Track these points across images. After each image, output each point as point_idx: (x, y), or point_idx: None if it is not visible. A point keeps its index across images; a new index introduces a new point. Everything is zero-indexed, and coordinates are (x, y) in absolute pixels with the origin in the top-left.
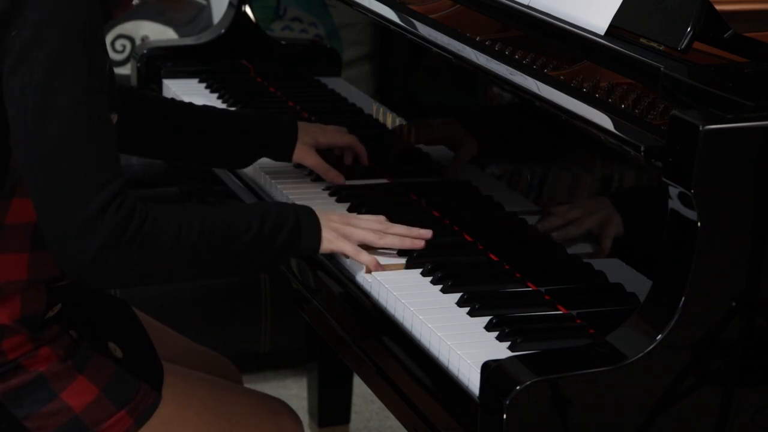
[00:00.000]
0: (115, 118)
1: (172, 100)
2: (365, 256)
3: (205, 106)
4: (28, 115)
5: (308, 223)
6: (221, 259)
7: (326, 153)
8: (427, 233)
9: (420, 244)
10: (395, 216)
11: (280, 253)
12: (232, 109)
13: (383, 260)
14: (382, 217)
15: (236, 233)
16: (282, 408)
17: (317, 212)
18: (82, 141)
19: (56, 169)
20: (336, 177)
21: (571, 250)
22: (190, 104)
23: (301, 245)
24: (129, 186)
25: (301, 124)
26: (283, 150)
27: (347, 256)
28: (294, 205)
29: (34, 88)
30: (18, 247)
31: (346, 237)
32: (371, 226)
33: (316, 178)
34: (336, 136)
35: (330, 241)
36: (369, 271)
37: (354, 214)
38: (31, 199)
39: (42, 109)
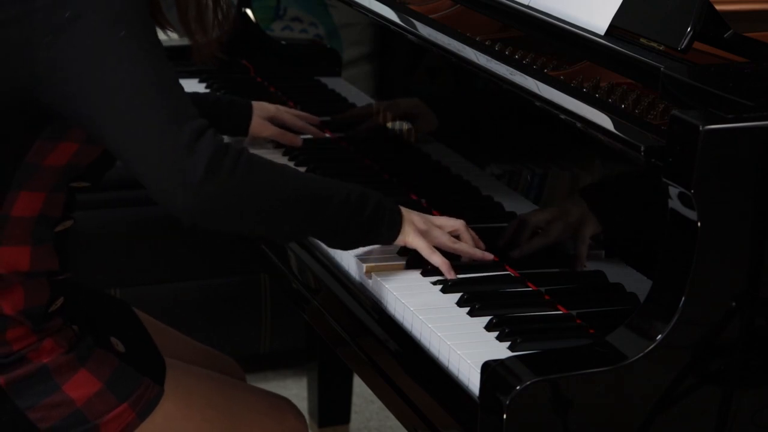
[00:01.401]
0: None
1: None
2: (437, 258)
3: None
4: (100, 66)
5: (391, 210)
6: (315, 215)
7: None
8: (490, 256)
9: (490, 257)
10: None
11: (363, 229)
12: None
13: (382, 258)
14: (460, 221)
15: (328, 193)
16: (286, 405)
17: (400, 206)
18: (163, 79)
19: (148, 107)
20: (293, 139)
21: (570, 251)
22: None
23: (383, 229)
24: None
25: (254, 102)
26: (240, 125)
27: (421, 254)
28: (378, 192)
29: (101, 40)
30: (21, 240)
31: (424, 234)
32: (448, 225)
33: (276, 147)
34: (285, 113)
35: (408, 233)
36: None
37: (432, 216)
38: (122, 150)
39: (115, 56)
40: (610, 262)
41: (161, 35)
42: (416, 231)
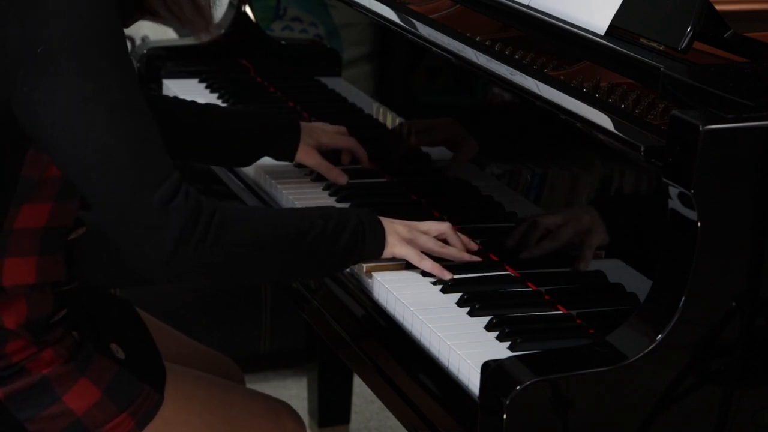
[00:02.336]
0: None
1: (175, 98)
2: (428, 263)
3: (208, 105)
4: (70, 127)
5: (372, 225)
6: (290, 256)
7: (327, 153)
8: (479, 259)
9: (478, 260)
10: (396, 216)
11: (346, 253)
12: (236, 107)
13: (382, 258)
14: (446, 224)
15: (300, 231)
16: (283, 409)
17: (380, 218)
18: (133, 139)
19: (115, 173)
20: (339, 176)
21: (571, 251)
22: (193, 102)
23: (366, 247)
24: None
25: (303, 125)
26: (286, 150)
27: (411, 262)
28: (355, 209)
29: (70, 98)
30: (27, 251)
31: (410, 242)
32: (434, 229)
33: (317, 178)
34: (337, 138)
35: (393, 244)
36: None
37: (414, 222)
38: (92, 207)
39: (85, 118)
40: (610, 262)
41: (161, 35)
42: (402, 240)
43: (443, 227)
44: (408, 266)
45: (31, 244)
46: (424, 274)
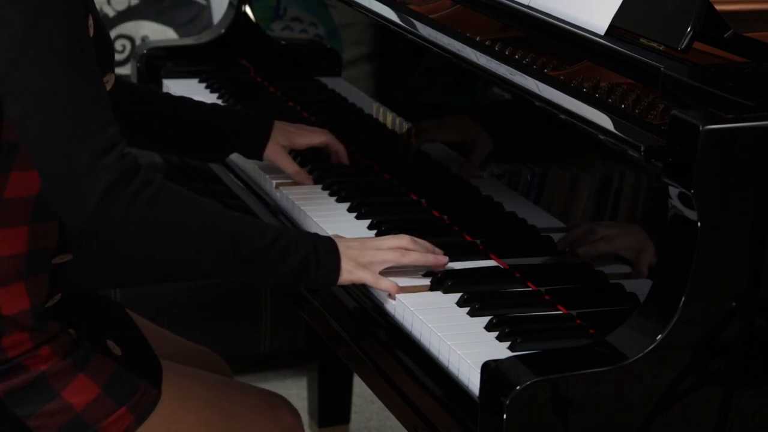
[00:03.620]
0: (110, 79)
1: (149, 88)
2: (385, 283)
3: (182, 97)
4: (12, 70)
5: (326, 253)
6: (221, 257)
7: (313, 151)
8: (445, 259)
9: (444, 260)
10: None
11: (291, 277)
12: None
13: (406, 282)
14: (403, 237)
15: (245, 237)
16: (280, 402)
17: (336, 241)
18: (70, 89)
19: (49, 117)
20: (304, 178)
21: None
22: (167, 94)
23: (318, 275)
24: None
25: (277, 124)
26: (254, 147)
27: (368, 286)
28: (314, 234)
29: (14, 41)
30: (17, 220)
31: (366, 265)
32: (392, 245)
33: (317, 179)
34: (312, 136)
35: (349, 272)
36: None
37: (373, 238)
38: (30, 154)
39: (25, 61)
40: (611, 263)
41: (161, 35)
42: (358, 265)
43: (402, 242)
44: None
45: (21, 213)
46: (425, 274)
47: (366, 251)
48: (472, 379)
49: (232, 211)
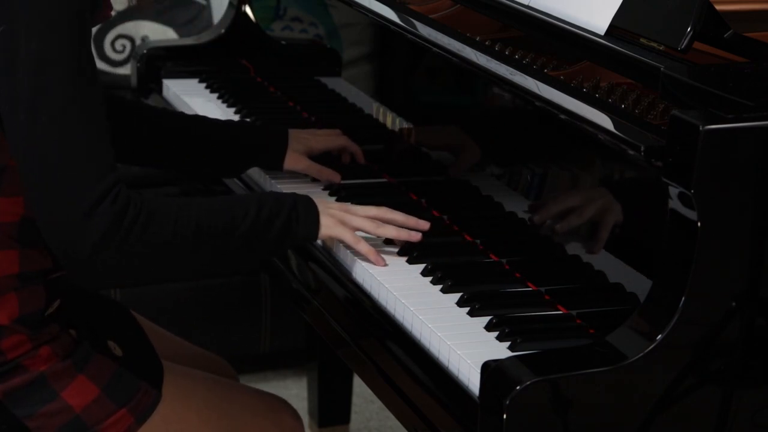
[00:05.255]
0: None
1: (163, 109)
2: (364, 246)
3: (196, 116)
4: (20, 114)
5: (306, 209)
6: (220, 249)
7: (324, 154)
8: (425, 224)
9: (417, 236)
10: None
11: (279, 240)
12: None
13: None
14: (383, 208)
15: (234, 221)
16: (282, 405)
17: (315, 200)
18: (75, 138)
19: (50, 167)
20: (331, 175)
21: (570, 250)
22: (181, 113)
23: (299, 231)
24: (127, 184)
25: (292, 132)
26: (274, 158)
27: (346, 244)
28: (292, 193)
29: (24, 86)
30: (6, 245)
31: (344, 223)
32: (369, 214)
33: (315, 179)
34: (328, 140)
35: (328, 227)
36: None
37: (352, 205)
38: (28, 197)
39: (33, 107)
40: (610, 262)
41: (161, 35)
42: (336, 223)
43: (379, 211)
44: (410, 263)
45: (9, 238)
46: (425, 273)
47: (344, 213)
48: (472, 379)
49: (210, 199)
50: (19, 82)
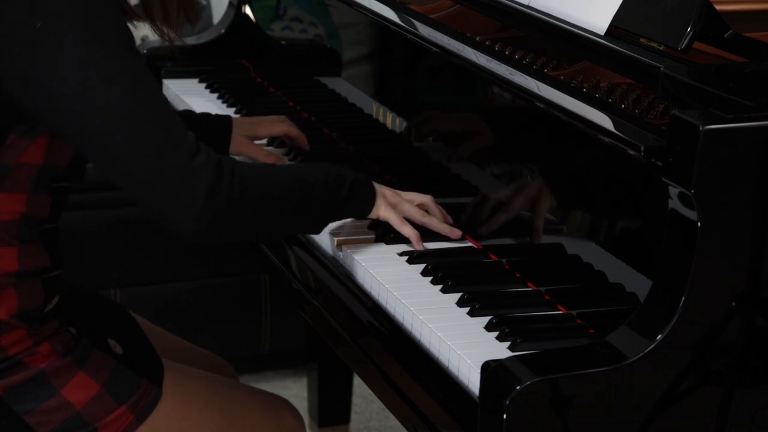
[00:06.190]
0: None
1: None
2: (408, 229)
3: None
4: (85, 94)
5: (365, 185)
6: (301, 206)
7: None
8: (458, 233)
9: (457, 233)
10: None
11: (344, 205)
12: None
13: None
14: (428, 196)
15: (309, 183)
16: (283, 404)
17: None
18: (151, 99)
19: (142, 134)
20: (276, 159)
21: (570, 250)
22: None
23: (359, 202)
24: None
25: (236, 120)
26: (219, 144)
27: (391, 225)
28: (350, 169)
29: (83, 66)
30: (7, 242)
31: (395, 207)
32: (418, 201)
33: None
34: (272, 126)
35: (380, 206)
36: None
37: (401, 191)
38: (123, 182)
39: (101, 84)
40: (610, 262)
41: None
42: (387, 204)
43: (426, 198)
44: (410, 263)
45: (10, 235)
46: (425, 273)
47: (395, 196)
48: (472, 379)
49: (283, 165)
50: (70, 81)
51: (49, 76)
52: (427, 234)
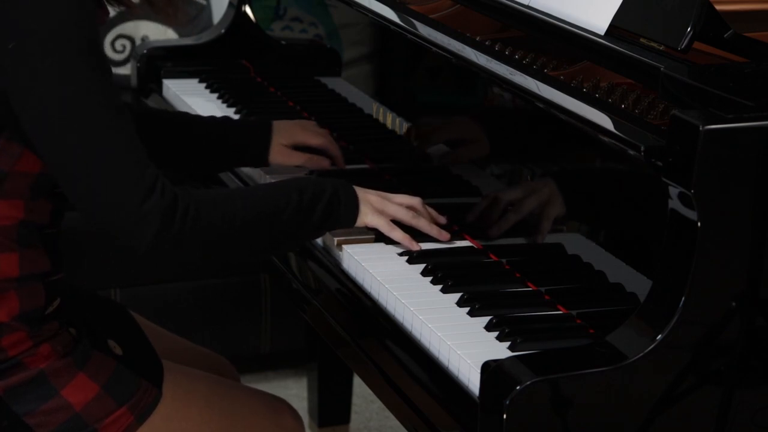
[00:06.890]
0: None
1: (146, 106)
2: (398, 233)
3: (178, 112)
4: (51, 125)
5: (346, 195)
6: (266, 234)
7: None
8: (447, 235)
9: (446, 236)
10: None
11: (321, 223)
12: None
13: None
14: (417, 198)
15: (277, 208)
16: (283, 406)
17: (354, 186)
18: (112, 140)
19: (94, 172)
20: (320, 161)
21: (570, 250)
22: (165, 111)
23: (340, 216)
24: None
25: (276, 125)
26: (258, 157)
27: (381, 231)
28: (331, 178)
29: (51, 99)
30: (7, 248)
31: (383, 212)
32: (406, 203)
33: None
34: (311, 137)
35: (366, 214)
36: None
37: (387, 193)
38: (74, 201)
39: (63, 118)
40: (610, 262)
41: (161, 35)
42: (374, 210)
43: (414, 201)
44: (410, 262)
45: (9, 241)
46: (425, 273)
47: (382, 201)
48: (472, 379)
49: (250, 187)
50: (42, 98)
51: (22, 94)
52: (419, 236)
